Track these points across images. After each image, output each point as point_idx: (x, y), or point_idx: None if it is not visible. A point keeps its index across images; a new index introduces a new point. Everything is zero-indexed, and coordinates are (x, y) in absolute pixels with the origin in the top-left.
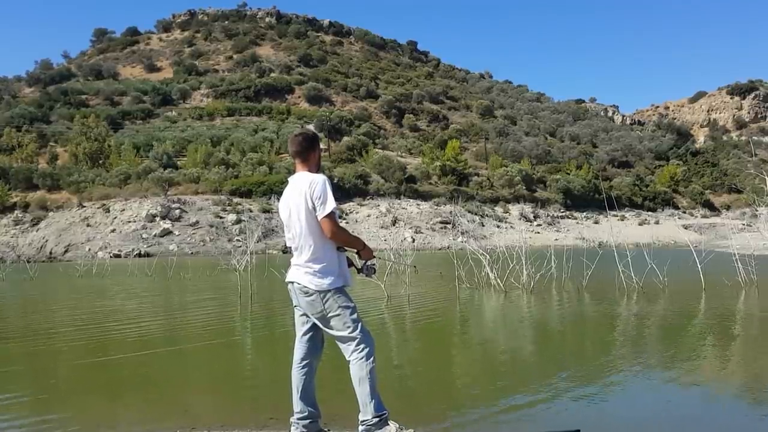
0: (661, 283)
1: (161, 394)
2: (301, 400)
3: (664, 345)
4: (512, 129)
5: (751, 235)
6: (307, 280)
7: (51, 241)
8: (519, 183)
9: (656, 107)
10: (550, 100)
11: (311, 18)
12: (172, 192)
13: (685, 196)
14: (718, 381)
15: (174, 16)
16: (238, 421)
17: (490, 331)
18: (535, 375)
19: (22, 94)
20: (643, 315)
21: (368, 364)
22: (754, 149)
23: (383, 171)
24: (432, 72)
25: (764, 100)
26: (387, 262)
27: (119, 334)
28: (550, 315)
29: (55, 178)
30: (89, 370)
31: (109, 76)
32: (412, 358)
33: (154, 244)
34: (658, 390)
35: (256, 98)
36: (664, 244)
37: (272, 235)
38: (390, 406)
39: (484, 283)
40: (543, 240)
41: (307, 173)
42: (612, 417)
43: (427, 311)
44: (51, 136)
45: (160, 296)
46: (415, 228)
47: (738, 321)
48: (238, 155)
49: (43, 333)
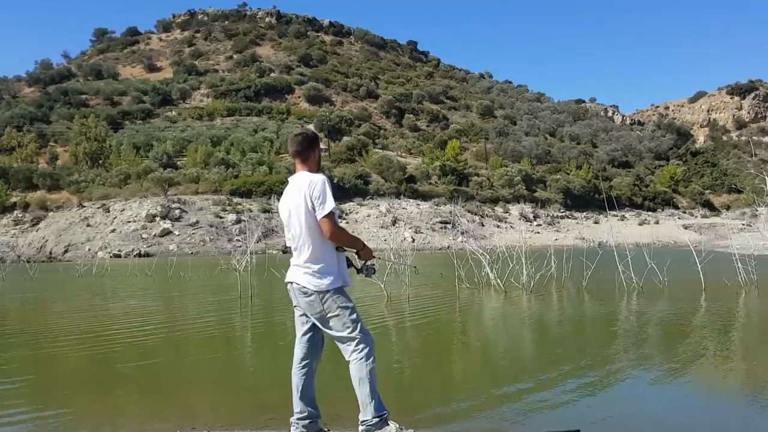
0: (661, 283)
1: (161, 393)
2: (301, 400)
3: (665, 345)
4: (512, 129)
5: (751, 235)
6: (306, 280)
7: (51, 241)
8: (519, 183)
9: (656, 107)
10: (550, 100)
11: (311, 18)
12: (172, 192)
13: (685, 196)
14: (718, 381)
15: (174, 16)
16: (238, 421)
17: (489, 331)
18: (534, 375)
19: (22, 94)
20: (643, 315)
21: (368, 365)
22: (754, 149)
23: (383, 171)
24: (432, 72)
25: (764, 100)
26: (387, 262)
27: (119, 334)
28: (549, 315)
29: (55, 178)
30: (89, 369)
31: (109, 76)
32: (411, 358)
33: (154, 244)
34: (659, 390)
35: (256, 98)
36: (664, 244)
37: (272, 235)
38: (390, 406)
39: (484, 283)
40: (543, 240)
41: (307, 173)
42: (612, 417)
43: (427, 311)
44: (51, 136)
45: (160, 296)
46: (415, 228)
47: (738, 321)
48: (238, 155)
49: (43, 333)
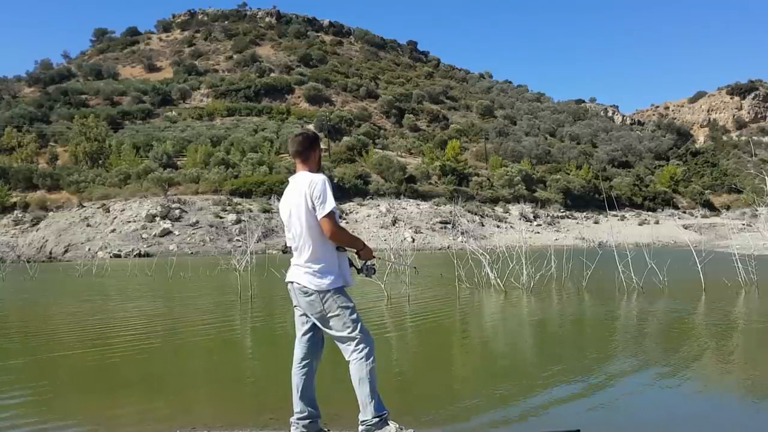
0: (661, 283)
1: (161, 393)
2: (301, 400)
3: (665, 345)
4: (512, 129)
5: (751, 235)
6: (306, 280)
7: (51, 241)
8: (519, 183)
9: (656, 107)
10: (550, 100)
11: (311, 18)
12: (172, 192)
13: (685, 196)
14: (718, 380)
15: (174, 16)
16: (238, 421)
17: (489, 331)
18: (535, 375)
19: (22, 94)
20: (643, 315)
21: (368, 364)
22: (754, 149)
23: (383, 171)
24: (432, 72)
25: (764, 100)
26: (387, 262)
27: (119, 334)
28: (550, 315)
29: (55, 178)
30: (89, 369)
31: (109, 76)
32: (411, 358)
33: (154, 244)
34: (659, 390)
35: (256, 98)
36: (664, 244)
37: (272, 235)
38: (390, 406)
39: (484, 283)
40: (543, 240)
41: (308, 173)
42: (612, 417)
43: (427, 311)
44: (51, 136)
45: (160, 296)
46: (415, 228)
47: (738, 321)
48: (238, 155)
49: (43, 333)
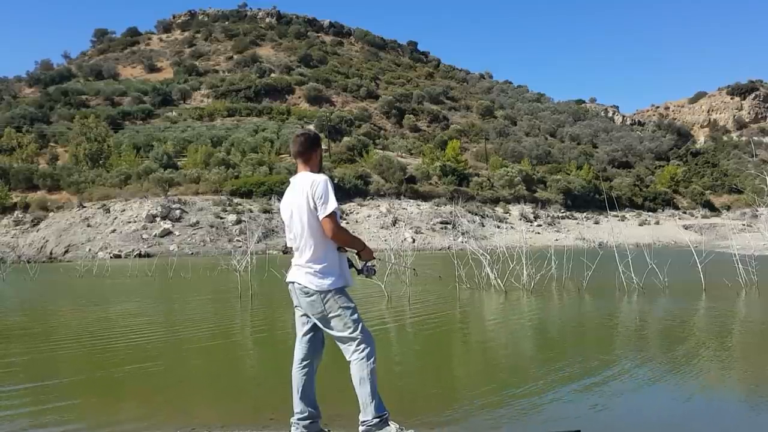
0: (662, 283)
1: (161, 394)
2: (302, 401)
3: (665, 345)
4: (512, 129)
5: (752, 235)
6: (307, 280)
7: (51, 242)
8: (519, 183)
9: (656, 107)
10: (550, 100)
11: (311, 18)
12: (173, 192)
13: (685, 197)
14: (718, 380)
15: (174, 17)
16: (238, 421)
17: (490, 331)
18: (535, 375)
19: (22, 95)
20: (644, 315)
21: (369, 365)
22: (755, 149)
23: (383, 171)
24: (432, 72)
25: (764, 100)
26: (387, 263)
27: (119, 334)
28: (550, 315)
29: (56, 178)
30: (89, 369)
31: (109, 76)
32: (412, 358)
33: (154, 244)
34: (659, 389)
35: (257, 98)
36: (665, 244)
37: (272, 236)
38: (390, 407)
39: (485, 283)
40: (543, 240)
41: (309, 173)
42: (612, 417)
43: (428, 311)
44: (51, 137)
45: (160, 297)
46: (416, 228)
47: (738, 321)
48: (239, 155)
49: (43, 333)
